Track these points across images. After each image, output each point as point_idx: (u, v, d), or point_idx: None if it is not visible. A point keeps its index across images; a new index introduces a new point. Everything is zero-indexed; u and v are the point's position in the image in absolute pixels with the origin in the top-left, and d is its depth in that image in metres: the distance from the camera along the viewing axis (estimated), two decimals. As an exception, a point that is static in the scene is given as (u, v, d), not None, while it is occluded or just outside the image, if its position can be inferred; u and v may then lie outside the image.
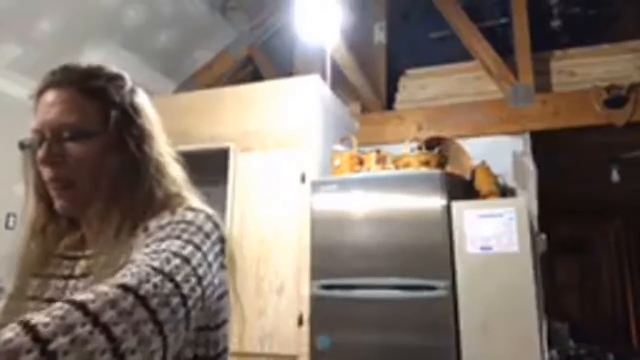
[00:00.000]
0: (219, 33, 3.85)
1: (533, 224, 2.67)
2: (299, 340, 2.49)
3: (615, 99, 3.06)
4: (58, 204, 0.76)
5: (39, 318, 0.47)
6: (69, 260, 0.80)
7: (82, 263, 0.79)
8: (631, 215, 5.92)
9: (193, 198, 0.80)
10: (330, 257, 2.54)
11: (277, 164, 2.78)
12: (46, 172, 0.75)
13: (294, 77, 3.10)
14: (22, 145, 0.78)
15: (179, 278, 0.58)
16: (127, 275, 0.55)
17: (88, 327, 0.47)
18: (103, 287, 0.53)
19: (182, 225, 0.68)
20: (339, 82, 3.32)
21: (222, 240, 0.73)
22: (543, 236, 2.79)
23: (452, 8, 3.53)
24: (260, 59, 4.05)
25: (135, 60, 3.43)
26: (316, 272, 2.53)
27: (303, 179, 2.70)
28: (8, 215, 2.81)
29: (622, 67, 3.23)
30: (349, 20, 3.03)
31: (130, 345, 0.49)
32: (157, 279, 0.56)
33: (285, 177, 2.74)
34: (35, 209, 0.81)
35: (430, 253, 2.38)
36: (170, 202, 0.77)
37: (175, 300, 0.56)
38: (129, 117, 0.78)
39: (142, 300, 0.52)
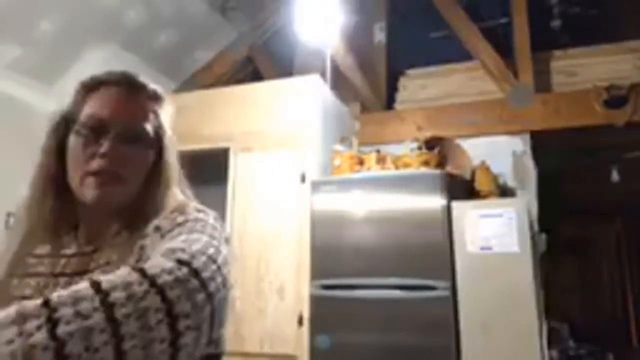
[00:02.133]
0: (219, 33, 3.84)
1: (533, 224, 2.67)
2: (299, 340, 2.49)
3: (615, 99, 3.06)
4: (94, 193, 0.74)
5: (105, 277, 0.52)
6: (61, 258, 0.79)
7: (78, 261, 0.78)
8: (631, 216, 5.92)
9: (194, 202, 0.84)
10: (330, 257, 2.54)
11: (277, 164, 2.78)
12: (98, 163, 0.74)
13: (294, 77, 3.10)
14: (56, 128, 0.79)
15: (220, 260, 0.63)
16: (177, 252, 0.59)
17: (144, 287, 0.51)
18: (160, 259, 0.57)
19: (201, 223, 0.72)
20: (339, 82, 3.32)
21: (227, 240, 0.76)
22: (543, 236, 2.79)
23: (452, 8, 3.53)
24: (260, 59, 4.05)
25: (135, 61, 3.42)
26: (316, 272, 2.53)
27: (303, 179, 2.70)
28: (8, 215, 2.81)
29: (622, 67, 3.23)
30: (349, 21, 3.03)
31: (184, 309, 0.52)
32: (203, 258, 0.60)
33: (285, 177, 2.74)
34: (40, 207, 0.79)
35: (430, 253, 2.38)
36: (176, 206, 0.79)
37: (219, 277, 0.60)
38: (165, 129, 0.83)
39: (194, 271, 0.56)
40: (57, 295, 0.49)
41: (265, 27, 3.99)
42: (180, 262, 0.56)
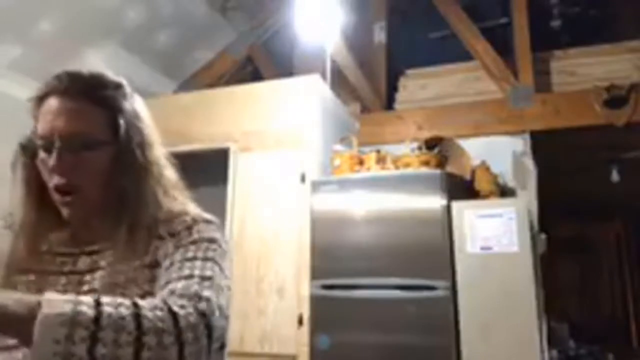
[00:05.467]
0: (219, 33, 3.84)
1: (533, 224, 2.67)
2: (299, 340, 2.49)
3: (615, 99, 3.06)
4: (66, 212, 0.78)
5: (148, 314, 0.59)
6: (65, 257, 0.82)
7: (85, 259, 0.81)
8: (631, 215, 5.92)
9: (187, 200, 0.87)
10: (330, 257, 2.53)
11: (277, 164, 2.78)
12: (54, 180, 0.76)
13: (294, 77, 3.10)
14: (23, 148, 0.80)
15: (225, 306, 0.71)
16: (194, 298, 0.67)
17: (171, 339, 0.59)
18: (186, 303, 0.64)
19: (214, 246, 0.78)
20: (339, 82, 3.32)
21: (228, 252, 0.82)
22: (543, 236, 2.79)
23: (452, 8, 3.53)
24: (260, 59, 4.05)
25: (135, 61, 3.42)
26: (316, 272, 2.53)
27: (303, 179, 2.70)
28: (8, 216, 2.80)
29: (622, 67, 3.22)
30: (349, 20, 3.03)
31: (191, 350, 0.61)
32: (216, 311, 0.68)
33: (285, 177, 2.74)
34: (24, 207, 0.82)
35: (430, 253, 2.38)
36: (174, 203, 0.83)
37: (223, 334, 0.70)
38: (134, 125, 0.81)
39: (209, 329, 0.64)
40: (107, 313, 0.56)
41: (265, 27, 3.99)
42: (202, 315, 0.64)
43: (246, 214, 2.76)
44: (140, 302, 0.60)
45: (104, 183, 0.78)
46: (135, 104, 0.84)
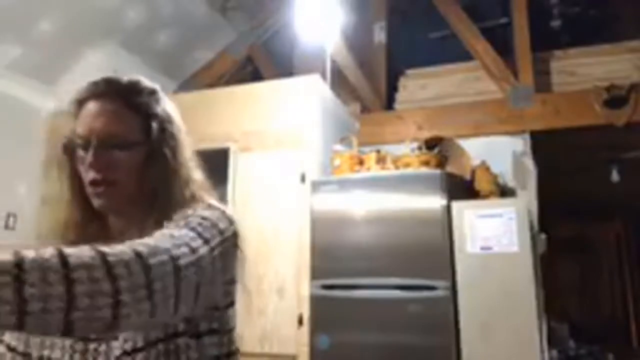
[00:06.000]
0: (219, 33, 3.85)
1: (533, 224, 2.67)
2: (299, 340, 2.49)
3: (615, 99, 3.06)
4: (98, 202, 0.83)
5: (72, 252, 0.58)
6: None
7: None
8: (631, 215, 5.92)
9: (212, 199, 0.90)
10: (330, 257, 2.54)
11: (277, 164, 2.78)
12: (90, 175, 0.82)
13: (294, 77, 3.10)
14: (65, 148, 0.86)
15: (182, 262, 0.67)
16: (140, 245, 0.65)
17: (101, 273, 0.57)
18: (125, 248, 0.63)
19: (198, 220, 0.78)
20: (339, 82, 3.32)
21: (235, 235, 0.83)
22: (543, 236, 2.79)
23: (452, 8, 3.53)
24: (260, 59, 4.05)
25: (135, 61, 3.42)
26: (316, 272, 2.53)
27: (303, 179, 2.70)
28: (8, 215, 2.80)
29: (622, 67, 3.22)
30: (349, 20, 3.03)
31: (125, 299, 0.59)
32: (164, 257, 0.65)
33: (285, 177, 2.74)
34: (71, 204, 0.87)
35: (430, 253, 2.38)
36: (195, 202, 0.86)
37: (169, 279, 0.64)
38: (165, 128, 0.87)
39: (147, 268, 0.62)
40: (30, 258, 0.55)
41: (265, 27, 3.99)
42: (137, 255, 0.62)
43: (246, 214, 2.76)
44: (67, 250, 0.59)
45: (137, 179, 0.84)
46: (167, 107, 0.90)
